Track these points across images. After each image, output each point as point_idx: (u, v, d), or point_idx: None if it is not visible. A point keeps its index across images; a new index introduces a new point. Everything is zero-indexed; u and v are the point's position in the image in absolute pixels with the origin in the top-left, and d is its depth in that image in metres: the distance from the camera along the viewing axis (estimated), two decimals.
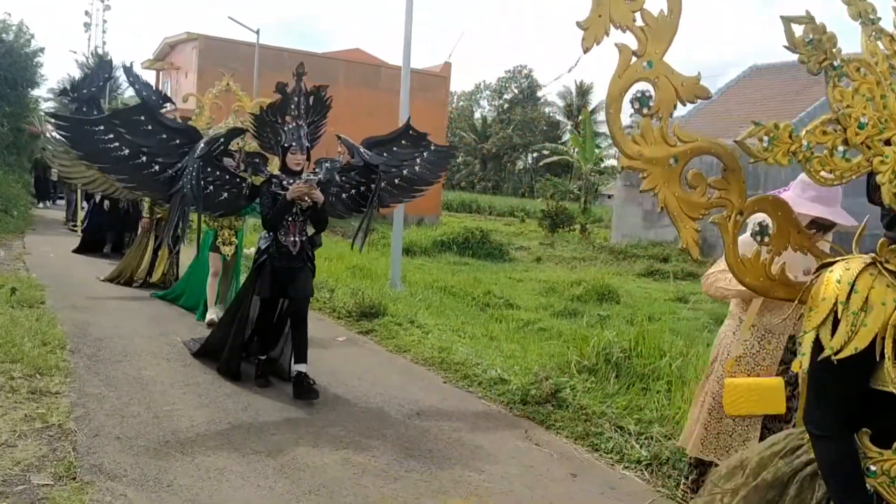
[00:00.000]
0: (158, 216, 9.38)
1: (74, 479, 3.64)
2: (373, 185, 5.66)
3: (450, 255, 17.68)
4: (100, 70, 10.93)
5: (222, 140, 5.24)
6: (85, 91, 10.50)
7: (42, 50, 16.98)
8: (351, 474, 4.04)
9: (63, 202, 20.16)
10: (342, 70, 29.13)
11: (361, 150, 5.63)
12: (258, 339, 5.68)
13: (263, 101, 8.55)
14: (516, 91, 63.88)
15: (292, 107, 5.32)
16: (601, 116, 56.13)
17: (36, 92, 19.15)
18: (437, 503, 3.80)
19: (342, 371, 6.04)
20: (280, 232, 5.28)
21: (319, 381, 5.73)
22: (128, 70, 9.72)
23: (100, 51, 20.79)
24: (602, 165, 32.06)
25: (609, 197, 40.73)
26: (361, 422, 4.94)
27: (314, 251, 5.50)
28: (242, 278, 7.61)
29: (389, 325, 7.81)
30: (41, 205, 20.38)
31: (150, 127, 4.93)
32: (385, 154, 5.94)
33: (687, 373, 5.48)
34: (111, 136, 4.73)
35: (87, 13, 35.50)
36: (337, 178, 5.70)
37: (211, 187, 5.18)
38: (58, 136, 9.44)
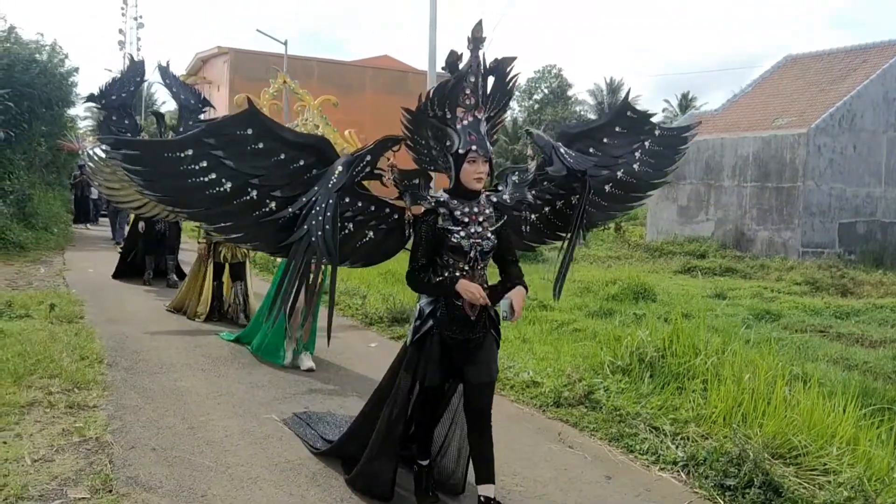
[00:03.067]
0: (216, 239, 8.01)
1: (111, 491, 3.69)
2: (574, 199, 3.98)
3: None
4: (132, 73, 10.01)
5: (369, 158, 3.47)
6: (114, 97, 9.88)
7: (76, 69, 17.29)
8: None
9: (105, 220, 20.23)
10: (370, 77, 29.33)
11: (562, 150, 3.81)
12: (418, 438, 3.95)
13: (330, 99, 6.96)
14: (546, 91, 63.68)
15: (467, 92, 3.48)
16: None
17: (72, 111, 19.53)
18: None
19: (374, 378, 6.01)
20: None
21: (351, 389, 5.77)
22: (164, 70, 9.36)
23: None
24: None
25: None
26: None
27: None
28: (321, 315, 6.64)
29: None
30: (83, 226, 19.81)
31: (261, 144, 3.34)
32: (592, 150, 4.07)
33: (723, 370, 5.38)
34: (204, 163, 3.21)
35: (120, 31, 36.14)
36: (529, 196, 3.85)
37: (350, 225, 3.56)
38: (92, 162, 8.60)
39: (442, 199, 3.53)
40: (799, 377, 5.58)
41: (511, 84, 3.63)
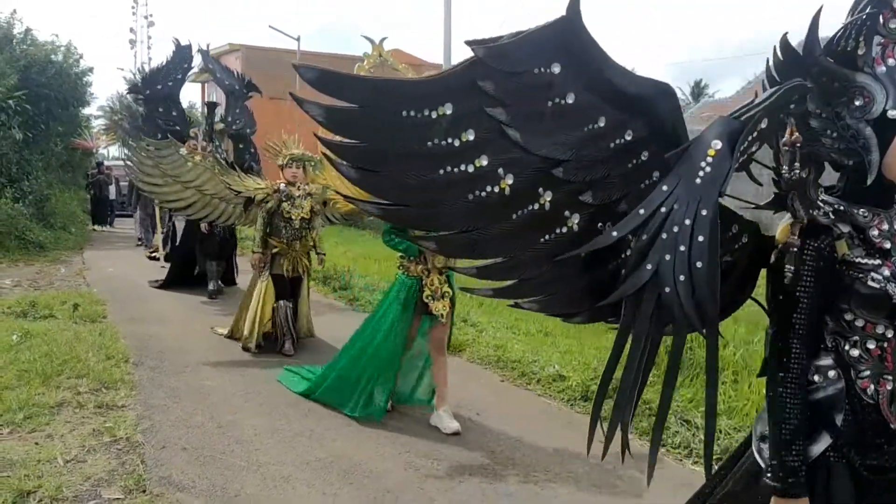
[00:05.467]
0: (275, 250, 6.64)
1: (144, 491, 3.70)
2: None
3: None
4: (178, 59, 9.07)
5: (764, 126, 1.72)
6: (160, 87, 8.84)
7: (91, 69, 17.33)
8: (414, 479, 4.02)
9: (121, 219, 20.03)
10: None
11: None
12: None
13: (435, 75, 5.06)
14: None
15: None
16: None
17: (87, 111, 19.55)
18: None
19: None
20: (858, 367, 1.83)
21: None
22: (205, 55, 8.55)
23: (146, 67, 20.89)
24: None
25: None
26: (421, 424, 4.91)
27: None
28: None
29: None
30: (99, 228, 19.28)
31: (570, 99, 1.62)
32: None
33: (753, 361, 5.32)
34: (470, 136, 1.57)
35: (131, 30, 36.12)
36: None
37: None
38: (134, 154, 6.92)
39: (841, 209, 1.85)
40: None
41: None
